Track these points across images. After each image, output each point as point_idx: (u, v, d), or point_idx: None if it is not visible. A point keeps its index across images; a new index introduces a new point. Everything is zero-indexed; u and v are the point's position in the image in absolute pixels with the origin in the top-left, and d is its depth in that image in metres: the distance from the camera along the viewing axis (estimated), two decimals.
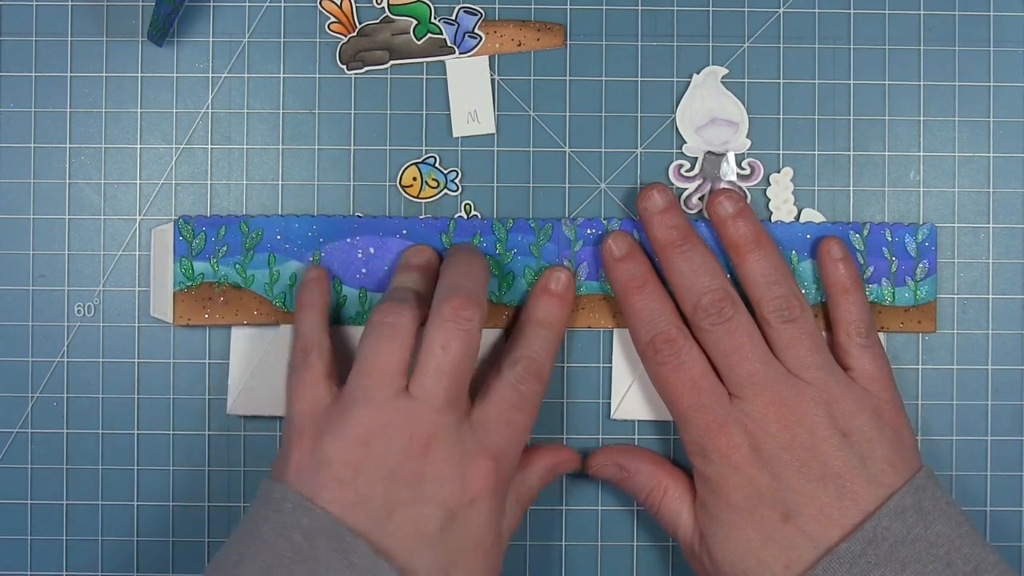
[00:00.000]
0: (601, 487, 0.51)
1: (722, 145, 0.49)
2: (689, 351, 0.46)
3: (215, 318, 0.49)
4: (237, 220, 0.50)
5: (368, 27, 0.51)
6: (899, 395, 0.47)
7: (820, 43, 0.51)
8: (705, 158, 0.49)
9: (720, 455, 0.45)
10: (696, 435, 0.46)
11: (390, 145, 0.51)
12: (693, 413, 0.46)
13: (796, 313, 0.46)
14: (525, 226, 0.50)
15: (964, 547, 0.43)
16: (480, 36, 0.51)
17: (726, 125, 0.49)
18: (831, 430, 0.44)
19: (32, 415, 0.51)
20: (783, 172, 0.49)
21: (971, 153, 0.51)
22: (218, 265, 0.49)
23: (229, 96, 0.51)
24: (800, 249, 0.50)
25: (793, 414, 0.45)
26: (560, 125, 0.51)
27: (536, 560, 0.51)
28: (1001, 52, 0.51)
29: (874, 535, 0.43)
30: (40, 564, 0.51)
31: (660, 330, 0.47)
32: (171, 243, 0.50)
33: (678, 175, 0.49)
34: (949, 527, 0.43)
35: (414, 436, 0.43)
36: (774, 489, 0.44)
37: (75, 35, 0.51)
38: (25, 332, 0.51)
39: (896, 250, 0.50)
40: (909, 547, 0.42)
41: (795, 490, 0.44)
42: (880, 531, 0.43)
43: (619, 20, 0.51)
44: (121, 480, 0.51)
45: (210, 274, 0.49)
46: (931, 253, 0.50)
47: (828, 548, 0.43)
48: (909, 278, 0.50)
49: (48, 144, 0.51)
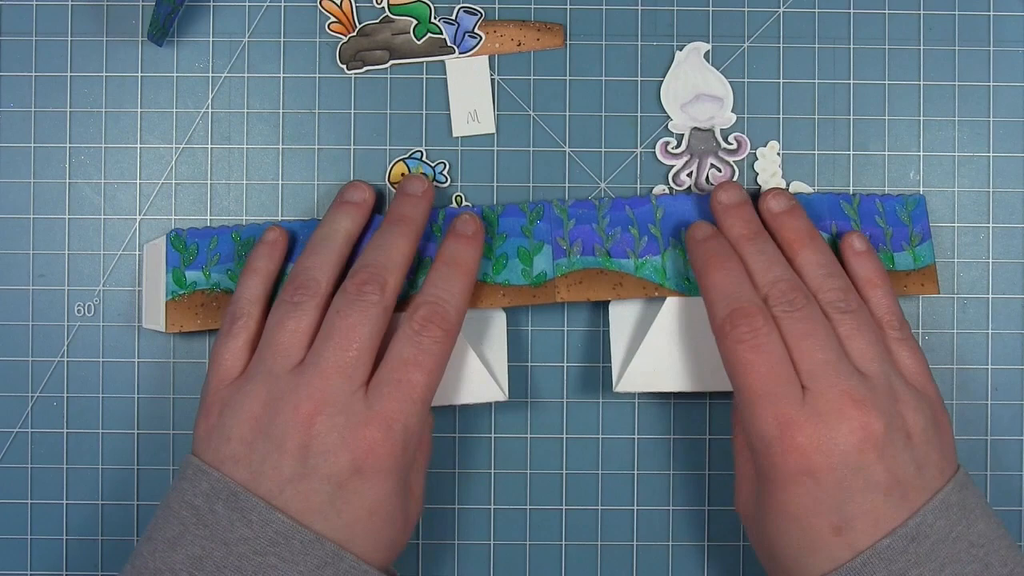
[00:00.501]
0: (601, 487, 0.51)
1: (707, 121, 0.49)
2: (769, 333, 0.43)
3: (208, 323, 0.49)
4: (228, 230, 0.50)
5: (368, 27, 0.51)
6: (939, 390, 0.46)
7: (820, 43, 0.51)
8: (692, 134, 0.49)
9: (784, 455, 0.42)
10: (764, 426, 0.43)
11: (390, 145, 0.51)
12: (766, 402, 0.43)
13: (854, 305, 0.45)
14: (515, 210, 0.50)
15: (1001, 549, 0.42)
16: (480, 36, 0.51)
17: (711, 100, 0.49)
18: (900, 432, 0.43)
19: (32, 415, 0.51)
20: (769, 145, 0.50)
21: (971, 153, 0.51)
22: (210, 273, 0.49)
23: (229, 96, 0.51)
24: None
25: (865, 410, 0.42)
26: (560, 125, 0.51)
27: (536, 560, 0.51)
28: (1001, 52, 0.51)
29: (918, 532, 0.41)
30: (40, 564, 0.51)
31: (741, 304, 0.44)
32: (163, 256, 0.50)
33: (665, 152, 0.49)
34: (989, 527, 0.42)
35: (299, 407, 0.42)
36: (833, 498, 0.42)
37: (75, 35, 0.51)
38: (25, 332, 0.51)
39: (889, 218, 0.50)
40: (951, 545, 0.41)
41: (856, 501, 0.42)
42: (924, 528, 0.41)
43: (619, 20, 0.51)
44: (121, 480, 0.51)
45: (203, 282, 0.49)
46: (924, 219, 0.50)
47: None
48: (905, 243, 0.50)
49: (48, 144, 0.51)
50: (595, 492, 0.51)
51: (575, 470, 0.51)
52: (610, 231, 0.49)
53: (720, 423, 0.51)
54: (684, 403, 0.51)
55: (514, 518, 0.51)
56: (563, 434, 0.51)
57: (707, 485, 0.51)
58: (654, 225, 0.49)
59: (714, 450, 0.51)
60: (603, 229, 0.49)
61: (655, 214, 0.49)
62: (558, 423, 0.51)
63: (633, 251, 0.49)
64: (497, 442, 0.51)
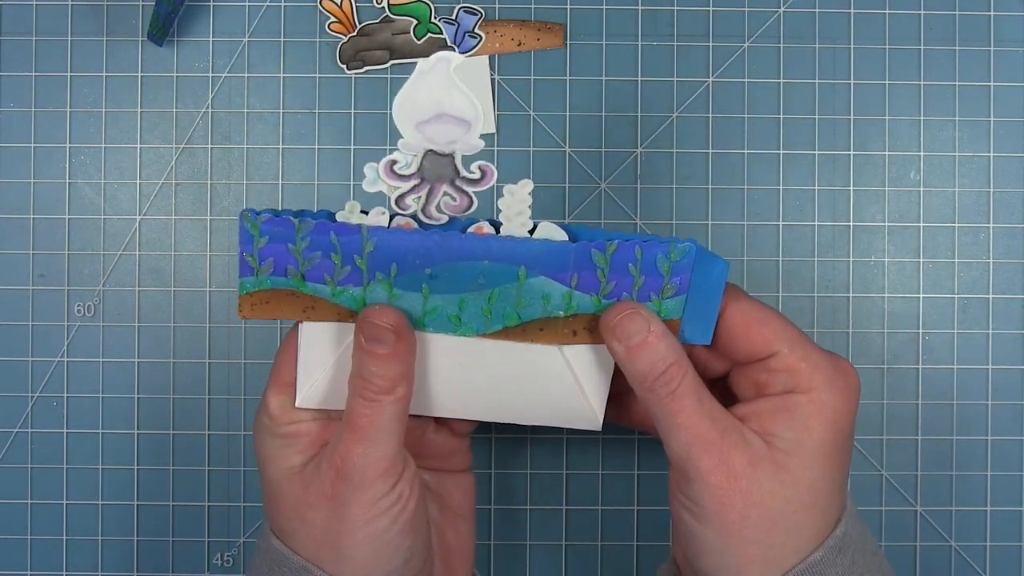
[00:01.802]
0: (601, 487, 0.51)
1: (447, 144, 0.41)
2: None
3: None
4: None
5: (368, 27, 0.51)
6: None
7: (820, 43, 0.51)
8: (426, 157, 0.41)
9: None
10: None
11: (390, 145, 0.51)
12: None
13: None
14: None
15: (877, 555, 0.42)
16: (480, 36, 0.51)
17: (455, 122, 0.41)
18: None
19: (32, 415, 0.51)
20: (521, 184, 0.42)
21: (971, 153, 0.51)
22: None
23: (229, 96, 0.51)
24: (530, 265, 0.42)
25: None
26: (560, 125, 0.51)
27: (536, 560, 0.51)
28: (1001, 52, 0.51)
29: (842, 543, 0.40)
30: (40, 564, 0.51)
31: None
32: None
33: (389, 172, 0.41)
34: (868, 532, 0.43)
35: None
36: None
37: (75, 35, 0.51)
38: (25, 332, 0.51)
39: (644, 267, 0.42)
40: (865, 555, 0.41)
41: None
42: (846, 539, 0.41)
43: (619, 20, 0.51)
44: (121, 480, 0.51)
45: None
46: (686, 272, 0.42)
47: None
48: (654, 294, 0.42)
49: (48, 144, 0.51)
50: (595, 492, 0.51)
51: (575, 470, 0.51)
52: (308, 255, 0.42)
53: None
54: None
55: (514, 518, 0.51)
56: (563, 434, 0.51)
57: None
58: (360, 257, 0.42)
59: None
60: (299, 252, 0.42)
61: (363, 247, 0.42)
62: None
63: (332, 278, 0.42)
64: (497, 442, 0.51)
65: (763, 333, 0.42)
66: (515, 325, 0.43)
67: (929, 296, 0.51)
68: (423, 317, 0.43)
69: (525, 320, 0.43)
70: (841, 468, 0.41)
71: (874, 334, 0.51)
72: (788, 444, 0.40)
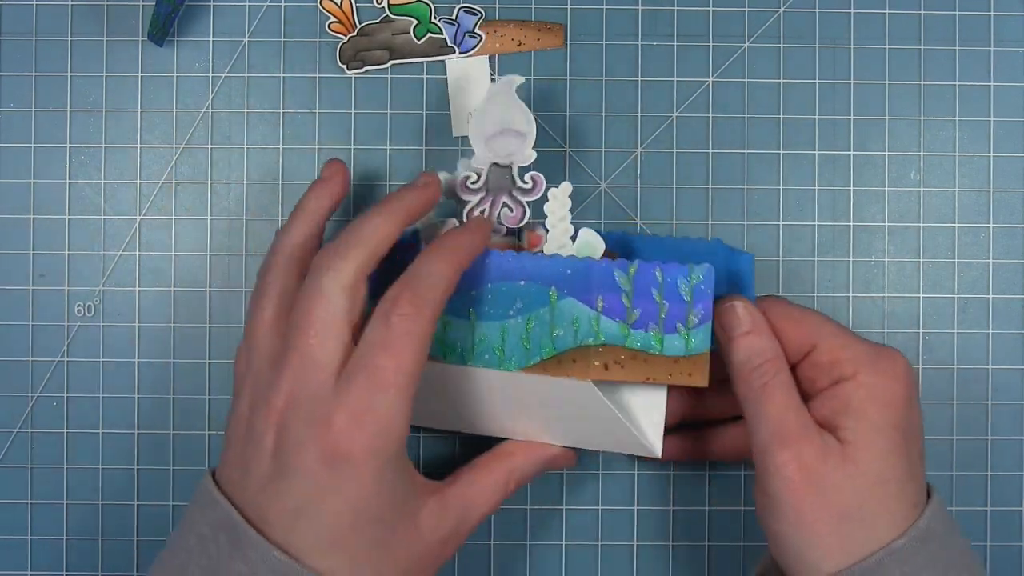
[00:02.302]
0: (601, 487, 0.51)
1: (507, 157, 0.45)
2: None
3: None
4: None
5: (368, 27, 0.51)
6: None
7: (820, 43, 0.51)
8: (491, 170, 0.45)
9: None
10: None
11: (390, 145, 0.51)
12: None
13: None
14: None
15: (975, 564, 0.43)
16: (480, 36, 0.51)
17: (514, 136, 0.45)
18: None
19: (32, 415, 0.51)
20: (562, 188, 0.45)
21: (971, 153, 0.51)
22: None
23: (229, 96, 0.51)
24: (560, 285, 0.43)
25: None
26: (560, 125, 0.51)
27: (536, 560, 0.51)
28: (1001, 52, 0.51)
29: (926, 534, 0.41)
30: (40, 564, 0.51)
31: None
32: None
33: (464, 188, 0.45)
34: (963, 539, 0.43)
35: (272, 404, 0.40)
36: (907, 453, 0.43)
37: (75, 35, 0.51)
38: (25, 332, 0.51)
39: (667, 292, 0.43)
40: (949, 551, 0.42)
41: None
42: (931, 530, 0.42)
43: (619, 20, 0.51)
44: (121, 480, 0.51)
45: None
46: (706, 298, 0.43)
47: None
48: (681, 324, 0.43)
49: (48, 144, 0.51)
50: (595, 492, 0.51)
51: (575, 470, 0.51)
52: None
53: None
54: None
55: (514, 518, 0.51)
56: None
57: (707, 485, 0.51)
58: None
59: None
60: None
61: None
62: None
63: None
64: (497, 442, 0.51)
65: (799, 329, 0.44)
66: (550, 356, 0.44)
67: (929, 296, 0.51)
68: (472, 349, 0.44)
69: (559, 350, 0.44)
70: (909, 457, 0.42)
71: (874, 334, 0.51)
72: (849, 434, 0.42)
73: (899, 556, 0.41)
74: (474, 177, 0.45)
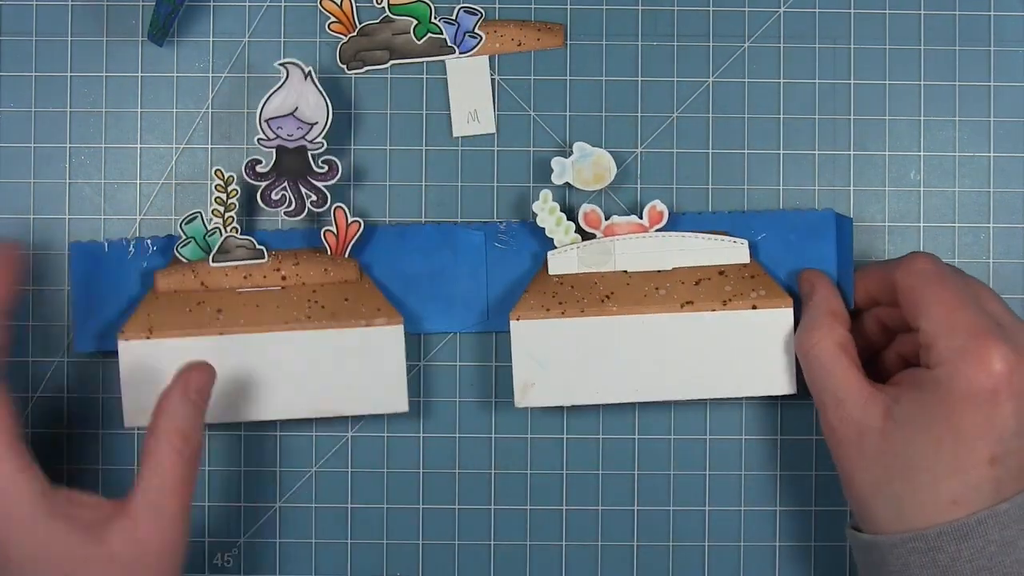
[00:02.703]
0: (601, 487, 0.51)
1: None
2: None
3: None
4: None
5: (368, 27, 0.51)
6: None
7: (820, 43, 0.51)
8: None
9: (976, 366, 0.42)
10: (960, 334, 0.43)
11: (390, 145, 0.51)
12: (966, 313, 0.43)
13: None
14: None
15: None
16: (480, 36, 0.51)
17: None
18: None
19: (32, 415, 0.51)
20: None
21: (971, 153, 0.51)
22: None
23: (229, 96, 0.51)
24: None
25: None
26: (560, 125, 0.51)
27: (536, 560, 0.51)
28: (1001, 52, 0.51)
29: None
30: None
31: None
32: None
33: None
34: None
35: None
36: (1004, 428, 0.42)
37: (75, 35, 0.51)
38: (25, 332, 0.51)
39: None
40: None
41: (1020, 439, 0.42)
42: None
43: (619, 20, 0.51)
44: (121, 481, 0.51)
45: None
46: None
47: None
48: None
49: (48, 144, 0.51)
50: (595, 492, 0.51)
51: (575, 470, 0.51)
52: None
53: (718, 426, 0.51)
54: (684, 405, 0.51)
55: (514, 518, 0.51)
56: (563, 434, 0.51)
57: (707, 485, 0.51)
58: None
59: (714, 451, 0.51)
60: None
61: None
62: (558, 424, 0.51)
63: None
64: (497, 442, 0.51)
65: (914, 302, 0.45)
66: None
67: None
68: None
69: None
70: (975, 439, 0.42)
71: None
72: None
73: (1002, 519, 0.41)
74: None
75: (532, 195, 0.51)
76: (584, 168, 0.49)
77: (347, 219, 0.49)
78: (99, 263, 0.50)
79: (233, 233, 0.49)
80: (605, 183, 0.50)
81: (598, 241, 0.49)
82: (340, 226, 0.49)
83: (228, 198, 0.48)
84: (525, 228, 0.50)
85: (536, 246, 0.50)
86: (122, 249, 0.50)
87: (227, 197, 0.48)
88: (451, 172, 0.51)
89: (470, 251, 0.50)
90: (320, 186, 0.48)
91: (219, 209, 0.48)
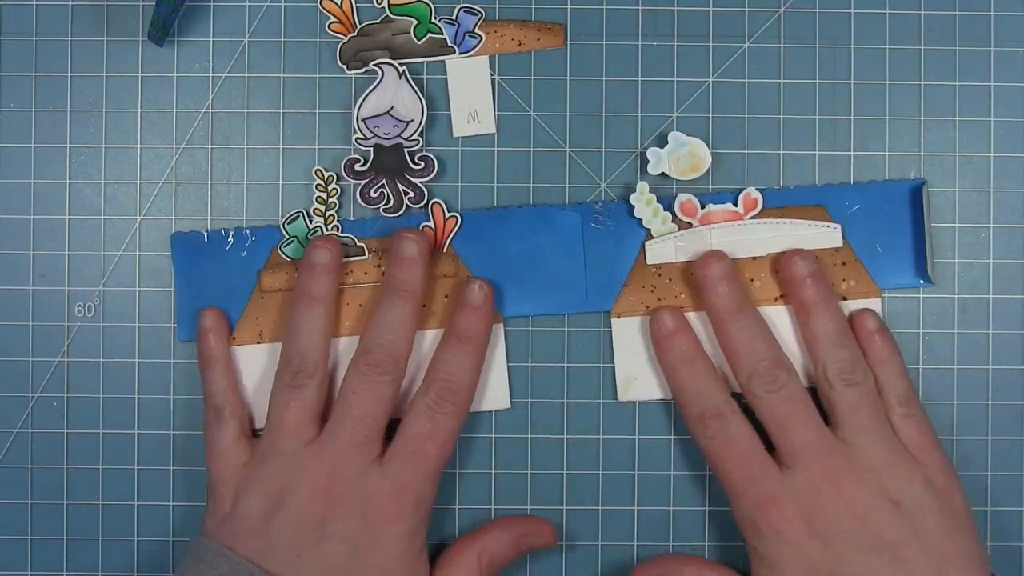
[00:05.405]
0: (601, 486, 0.51)
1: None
2: (738, 425, 0.47)
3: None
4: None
5: (368, 27, 0.51)
6: (949, 461, 0.47)
7: (820, 43, 0.51)
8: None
9: (772, 530, 0.45)
10: (748, 510, 0.46)
11: None
12: (744, 487, 0.46)
13: (859, 377, 0.47)
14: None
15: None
16: (480, 36, 0.51)
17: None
18: (882, 499, 0.45)
19: (32, 415, 0.51)
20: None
21: (971, 153, 0.51)
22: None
23: (229, 96, 0.51)
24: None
25: (845, 484, 0.45)
26: (560, 125, 0.51)
27: (536, 560, 0.51)
28: (1001, 52, 0.51)
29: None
30: (40, 564, 0.51)
31: (709, 404, 0.47)
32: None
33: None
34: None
35: (317, 480, 0.45)
36: (828, 562, 0.44)
37: (75, 35, 0.51)
38: (25, 332, 0.51)
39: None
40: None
41: (849, 562, 0.44)
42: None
43: (619, 20, 0.51)
44: (121, 480, 0.51)
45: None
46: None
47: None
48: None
49: (48, 144, 0.51)
50: (595, 492, 0.51)
51: (575, 470, 0.51)
52: None
53: None
54: None
55: None
56: (563, 434, 0.51)
57: (707, 485, 0.51)
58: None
59: None
60: None
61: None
62: (558, 423, 0.51)
63: None
64: (497, 442, 0.51)
65: (815, 352, 0.48)
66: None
67: (929, 296, 0.51)
68: None
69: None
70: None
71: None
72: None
73: None
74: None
75: (532, 195, 0.51)
76: (681, 158, 0.49)
77: (444, 214, 0.50)
78: (200, 254, 0.50)
79: (334, 231, 0.49)
80: (700, 172, 0.50)
81: (695, 230, 0.50)
82: (438, 222, 0.50)
83: (328, 197, 0.49)
84: (621, 208, 0.50)
85: (633, 226, 0.50)
86: (221, 240, 0.50)
87: (327, 196, 0.49)
88: (451, 172, 0.51)
89: (567, 232, 0.50)
90: (417, 183, 0.49)
91: (320, 208, 0.49)
